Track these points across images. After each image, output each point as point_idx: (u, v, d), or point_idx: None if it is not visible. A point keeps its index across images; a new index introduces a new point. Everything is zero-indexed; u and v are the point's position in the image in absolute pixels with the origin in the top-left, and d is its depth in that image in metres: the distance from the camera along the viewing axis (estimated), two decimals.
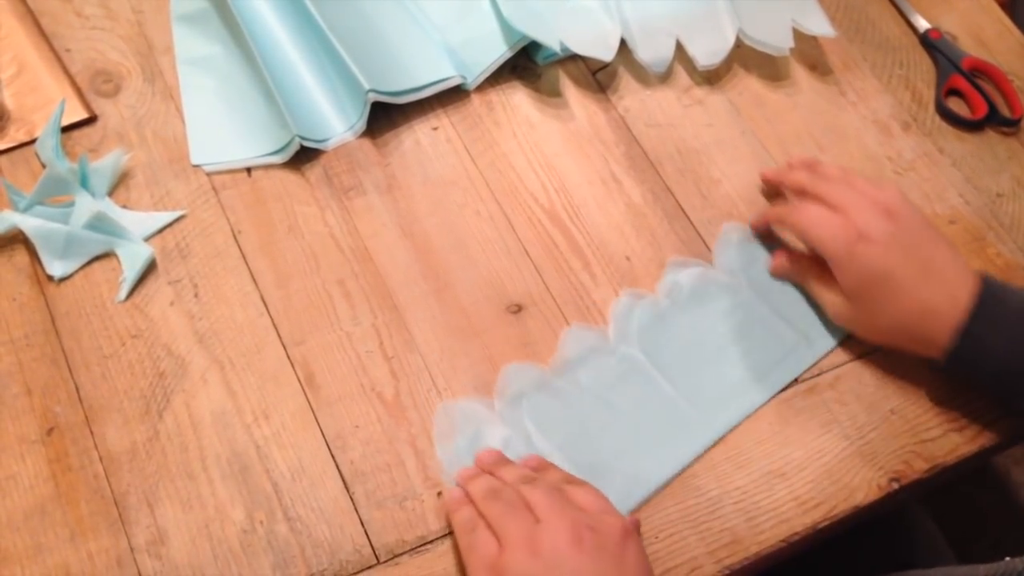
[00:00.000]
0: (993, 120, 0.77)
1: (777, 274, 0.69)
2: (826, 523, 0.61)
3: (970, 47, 0.81)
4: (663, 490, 0.61)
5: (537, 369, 0.65)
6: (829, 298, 0.65)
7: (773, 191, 0.72)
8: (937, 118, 0.77)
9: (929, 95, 0.79)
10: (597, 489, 0.57)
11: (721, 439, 0.63)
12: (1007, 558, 0.55)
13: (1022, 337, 0.59)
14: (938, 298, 0.60)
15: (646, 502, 0.61)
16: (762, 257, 0.69)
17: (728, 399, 0.64)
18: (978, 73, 0.80)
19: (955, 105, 0.78)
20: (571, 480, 0.58)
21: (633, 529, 0.55)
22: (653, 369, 0.64)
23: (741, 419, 0.63)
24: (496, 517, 0.55)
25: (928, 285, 0.61)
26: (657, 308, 0.67)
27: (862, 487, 0.62)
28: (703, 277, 0.68)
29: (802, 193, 0.67)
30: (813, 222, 0.64)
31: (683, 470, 0.62)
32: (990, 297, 0.60)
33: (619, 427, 0.63)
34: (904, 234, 0.62)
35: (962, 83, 0.78)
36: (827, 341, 0.66)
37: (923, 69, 0.80)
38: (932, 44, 0.80)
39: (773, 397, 0.64)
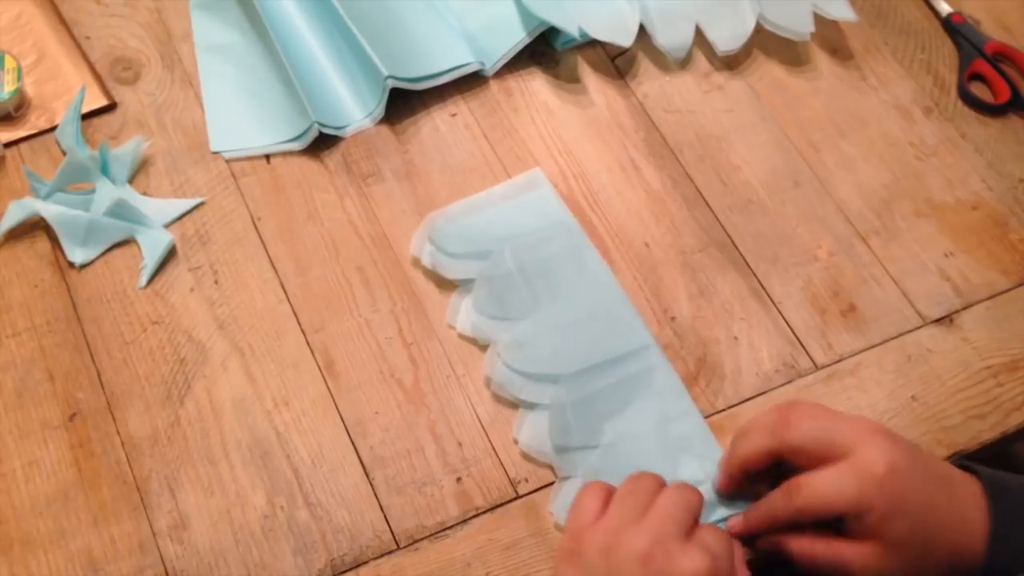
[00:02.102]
0: (1016, 105, 0.76)
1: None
2: None
3: (993, 31, 0.80)
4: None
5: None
6: (859, 561, 0.53)
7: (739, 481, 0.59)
8: (959, 103, 0.77)
9: (951, 80, 0.78)
10: (726, 534, 0.54)
11: None
12: None
13: None
14: (969, 513, 0.53)
15: None
16: None
17: None
18: (1001, 57, 0.79)
19: (978, 90, 0.77)
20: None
21: (709, 573, 0.50)
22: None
23: None
24: (617, 495, 0.54)
25: (956, 503, 0.53)
26: None
27: None
28: None
29: (773, 458, 0.56)
30: (824, 491, 0.52)
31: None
32: (997, 490, 0.53)
33: None
34: (914, 453, 0.54)
35: (985, 68, 0.77)
36: None
37: (945, 54, 0.79)
38: (954, 28, 0.80)
39: None
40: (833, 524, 0.53)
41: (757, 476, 0.57)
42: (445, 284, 0.67)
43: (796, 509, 0.54)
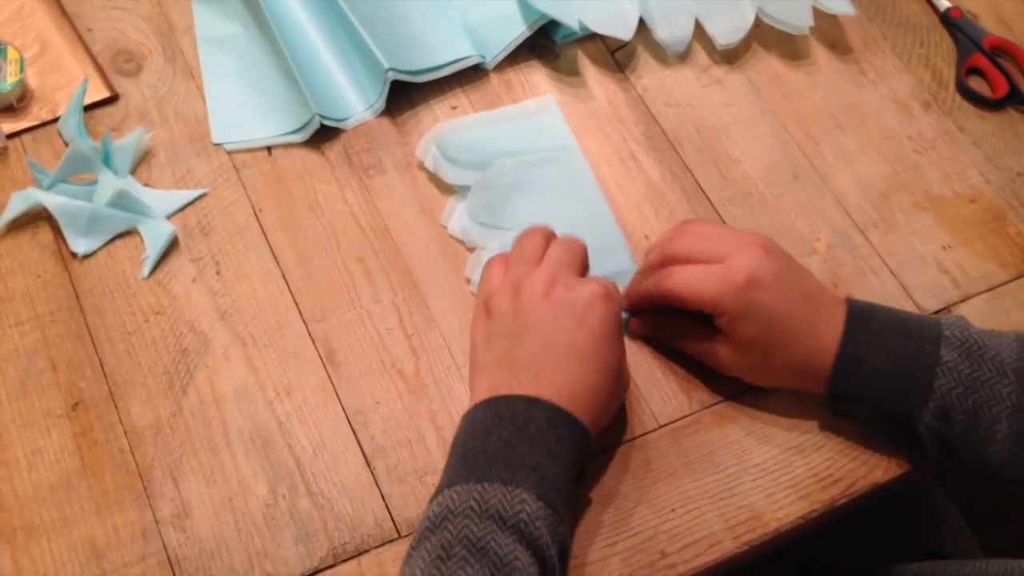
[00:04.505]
0: (1014, 99, 0.77)
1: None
2: (845, 500, 0.61)
3: (991, 26, 0.81)
4: (682, 466, 0.61)
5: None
6: (715, 351, 0.61)
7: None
8: (957, 97, 0.77)
9: (949, 74, 0.78)
10: (611, 281, 0.60)
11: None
12: None
13: (895, 348, 0.57)
14: (823, 328, 0.58)
15: None
16: None
17: None
18: (999, 52, 0.79)
19: (976, 84, 0.78)
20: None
21: (604, 296, 0.57)
22: None
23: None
24: (511, 257, 0.61)
25: (813, 319, 0.58)
26: None
27: (881, 464, 0.62)
28: None
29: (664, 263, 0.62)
30: (689, 282, 0.59)
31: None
32: (858, 315, 0.58)
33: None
34: (784, 269, 0.59)
35: (983, 62, 0.78)
36: None
37: (943, 48, 0.80)
38: (952, 23, 0.80)
39: None
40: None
41: None
42: (448, 276, 0.67)
43: (665, 290, 0.61)
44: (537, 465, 0.52)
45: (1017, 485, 0.57)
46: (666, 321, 0.64)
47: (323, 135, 0.72)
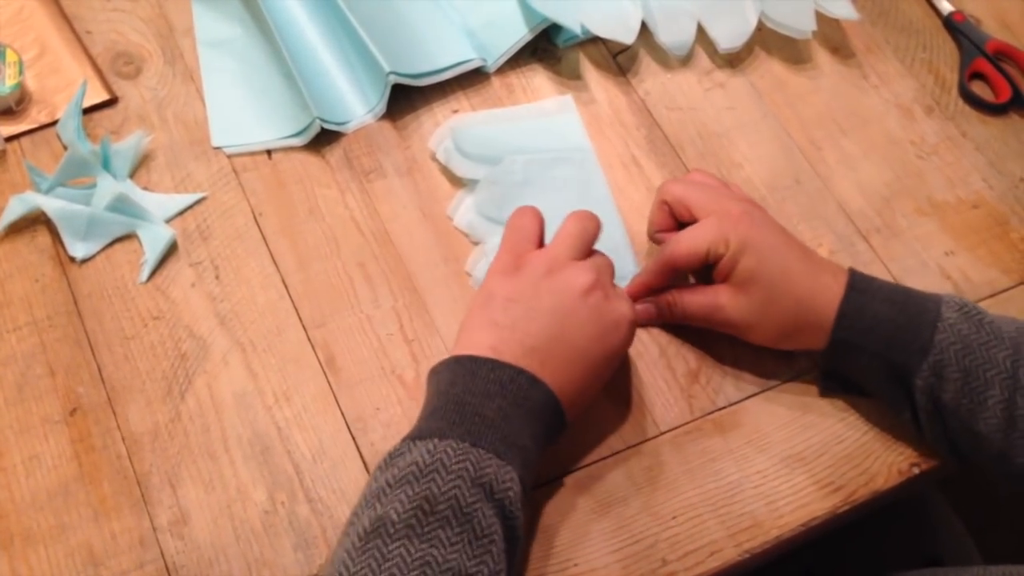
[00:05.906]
0: (1017, 104, 0.76)
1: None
2: (846, 508, 0.61)
3: (994, 30, 0.80)
4: (683, 473, 0.61)
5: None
6: (718, 302, 0.62)
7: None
8: (960, 102, 0.77)
9: (952, 79, 0.78)
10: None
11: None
12: None
13: (899, 301, 0.58)
14: (824, 278, 0.60)
15: None
16: None
17: None
18: (1002, 56, 0.79)
19: (978, 89, 0.77)
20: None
21: (632, 322, 0.58)
22: None
23: None
24: (565, 232, 0.61)
25: (813, 266, 0.60)
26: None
27: (882, 472, 0.62)
28: None
29: (665, 208, 0.65)
30: (684, 239, 0.61)
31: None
32: (860, 274, 0.60)
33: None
34: (774, 221, 0.62)
35: (986, 66, 0.77)
36: None
37: (946, 52, 0.79)
38: (955, 27, 0.80)
39: None
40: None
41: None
42: (449, 281, 0.67)
43: (667, 256, 0.62)
44: (525, 446, 0.54)
45: (1001, 460, 0.57)
46: (665, 297, 0.65)
47: (323, 139, 0.72)
